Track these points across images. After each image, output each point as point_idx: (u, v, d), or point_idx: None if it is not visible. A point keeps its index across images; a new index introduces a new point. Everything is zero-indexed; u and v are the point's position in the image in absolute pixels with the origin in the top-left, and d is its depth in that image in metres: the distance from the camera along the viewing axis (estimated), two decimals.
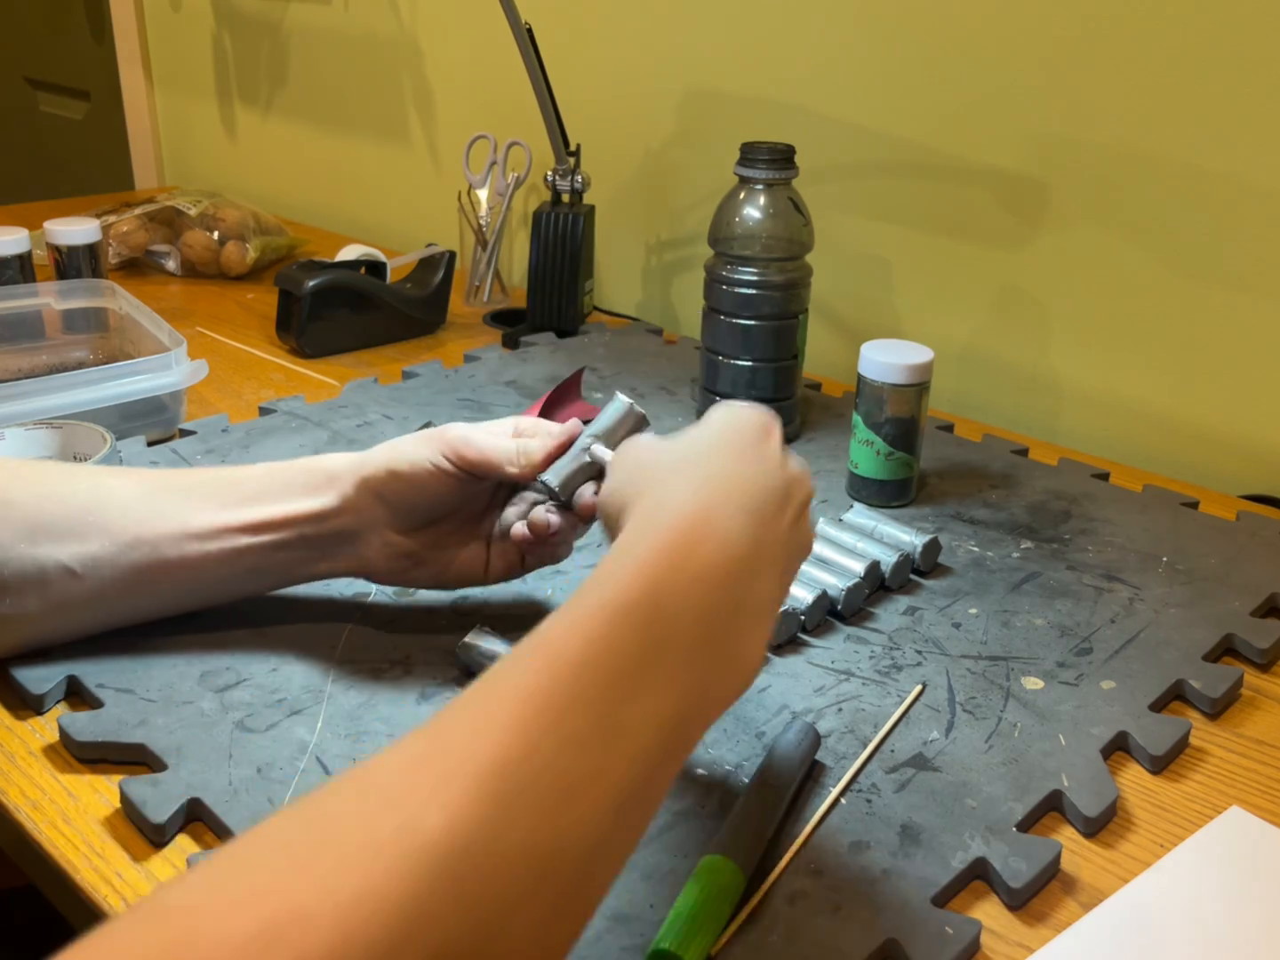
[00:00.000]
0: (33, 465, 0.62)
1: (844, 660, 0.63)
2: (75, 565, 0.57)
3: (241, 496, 0.60)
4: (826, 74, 1.06)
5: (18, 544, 0.57)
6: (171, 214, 1.36)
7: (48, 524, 0.57)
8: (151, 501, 0.60)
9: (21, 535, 0.57)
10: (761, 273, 0.84)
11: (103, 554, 0.58)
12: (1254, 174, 0.84)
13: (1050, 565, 0.73)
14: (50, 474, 0.61)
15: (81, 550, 0.58)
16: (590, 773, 0.34)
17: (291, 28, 1.61)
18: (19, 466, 0.61)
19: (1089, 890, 0.49)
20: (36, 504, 0.58)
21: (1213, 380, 0.90)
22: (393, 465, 0.59)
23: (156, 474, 0.62)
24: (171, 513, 0.59)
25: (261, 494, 0.60)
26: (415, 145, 1.49)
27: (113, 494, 0.60)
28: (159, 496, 0.60)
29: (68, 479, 0.60)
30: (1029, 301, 0.99)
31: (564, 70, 1.21)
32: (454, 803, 0.31)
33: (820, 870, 0.48)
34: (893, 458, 0.79)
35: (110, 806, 0.52)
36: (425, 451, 0.59)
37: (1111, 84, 0.89)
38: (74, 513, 0.58)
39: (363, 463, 0.60)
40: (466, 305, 1.28)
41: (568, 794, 0.33)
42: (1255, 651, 0.66)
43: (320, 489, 0.60)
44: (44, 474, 0.61)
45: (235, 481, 0.61)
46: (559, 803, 0.33)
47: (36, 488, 0.59)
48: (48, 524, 0.57)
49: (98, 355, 1.04)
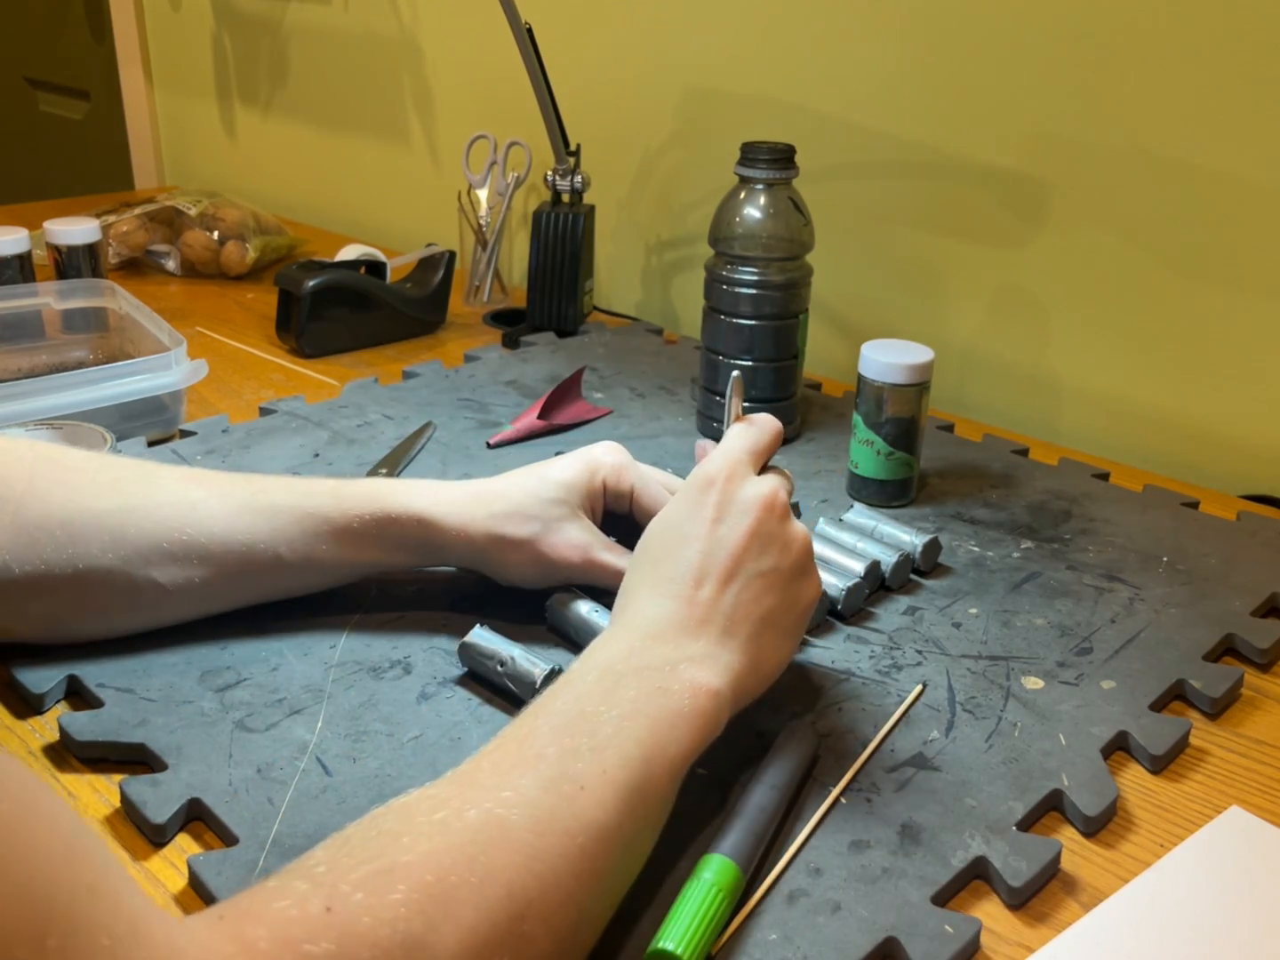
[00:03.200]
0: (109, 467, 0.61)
1: (844, 660, 0.63)
2: (166, 583, 0.58)
3: (334, 532, 0.61)
4: (826, 74, 1.06)
5: (106, 557, 0.57)
6: (171, 214, 1.36)
7: (136, 541, 0.58)
8: (238, 524, 0.59)
9: (110, 550, 0.57)
10: (762, 273, 0.84)
11: (193, 574, 0.59)
12: (1254, 174, 0.84)
13: (1050, 565, 0.73)
14: (127, 479, 0.60)
15: (172, 570, 0.58)
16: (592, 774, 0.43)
17: (291, 28, 1.61)
18: (95, 471, 0.60)
19: (1089, 890, 0.49)
20: (121, 517, 0.58)
21: (1213, 380, 0.90)
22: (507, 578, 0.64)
23: (237, 489, 0.61)
24: (260, 542, 0.60)
25: (358, 537, 0.61)
26: (415, 145, 1.49)
27: (196, 511, 0.59)
28: (244, 518, 0.60)
29: (148, 489, 0.60)
30: (1029, 301, 0.99)
31: (564, 70, 1.21)
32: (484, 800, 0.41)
33: (820, 870, 0.48)
34: (893, 458, 0.79)
35: (110, 806, 0.52)
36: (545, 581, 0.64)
37: (1111, 84, 0.89)
38: (160, 530, 0.58)
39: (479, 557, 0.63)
40: (466, 305, 1.28)
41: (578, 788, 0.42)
42: (1255, 651, 0.66)
43: (426, 554, 0.63)
44: (121, 480, 0.60)
45: (325, 518, 0.61)
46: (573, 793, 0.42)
47: (118, 498, 0.58)
48: (136, 541, 0.58)
49: (98, 355, 1.04)
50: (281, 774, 0.53)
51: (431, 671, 0.61)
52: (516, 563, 0.63)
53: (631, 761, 0.44)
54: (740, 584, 0.52)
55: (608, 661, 0.49)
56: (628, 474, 0.66)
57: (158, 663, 0.60)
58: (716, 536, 0.53)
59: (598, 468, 0.65)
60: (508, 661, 0.58)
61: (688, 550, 0.53)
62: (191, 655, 0.61)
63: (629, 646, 0.49)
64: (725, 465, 0.55)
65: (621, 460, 0.66)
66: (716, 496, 0.54)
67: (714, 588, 0.52)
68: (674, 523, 0.54)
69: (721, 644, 0.51)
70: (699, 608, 0.51)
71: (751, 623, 0.52)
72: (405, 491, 0.62)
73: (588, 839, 0.41)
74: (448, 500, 0.62)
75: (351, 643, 0.63)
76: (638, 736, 0.45)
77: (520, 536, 0.62)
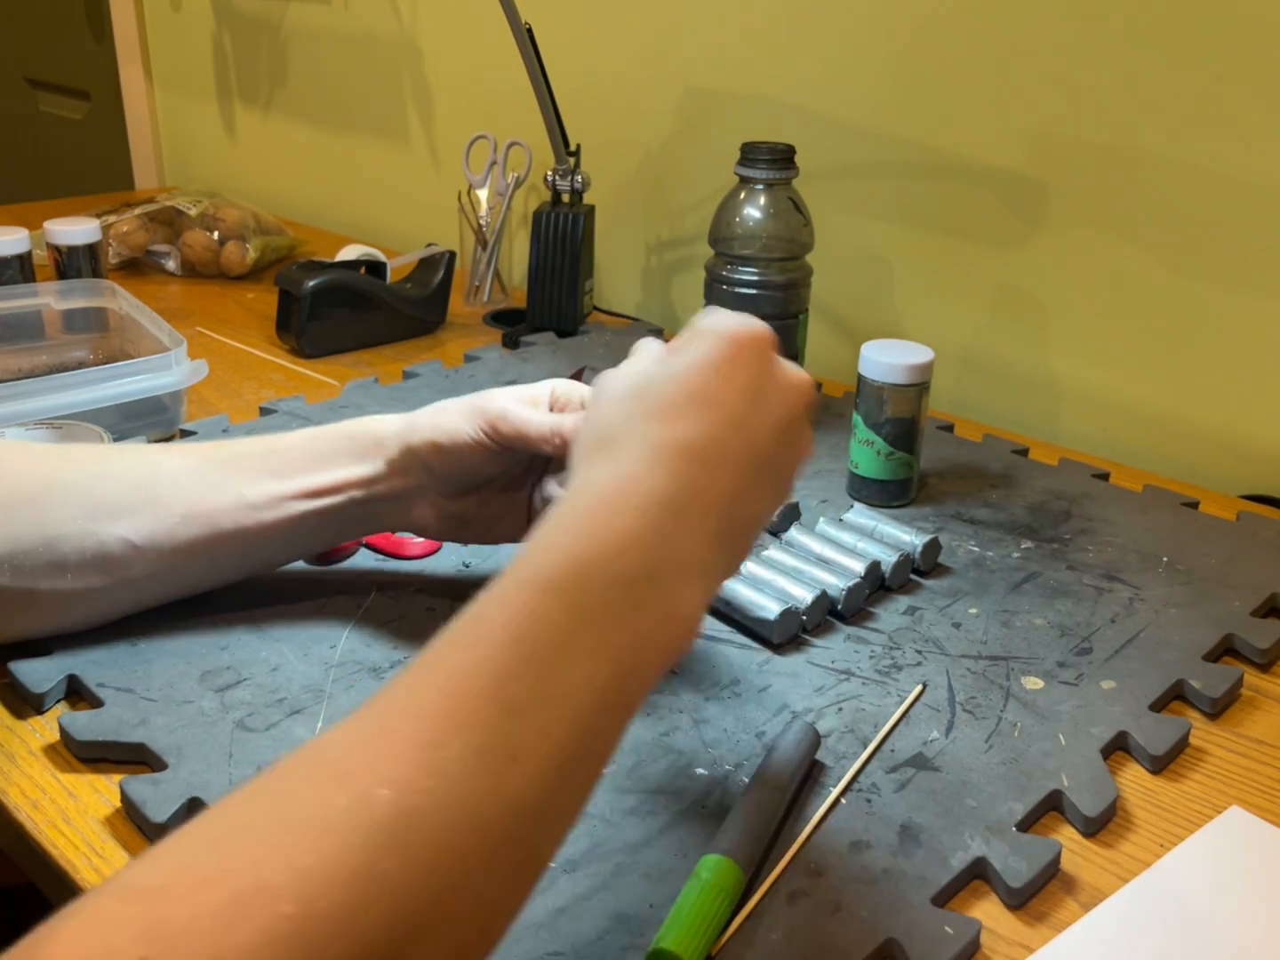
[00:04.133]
0: (82, 446, 0.64)
1: (844, 660, 0.63)
2: (134, 538, 0.59)
3: (290, 465, 0.62)
4: (826, 74, 1.06)
5: (74, 520, 0.58)
6: (171, 214, 1.36)
7: (101, 500, 0.59)
8: (201, 473, 0.61)
9: (77, 513, 0.58)
10: (762, 273, 0.85)
11: (159, 526, 0.59)
12: (1253, 174, 0.84)
13: (1050, 565, 0.73)
14: (99, 453, 0.63)
15: (138, 524, 0.59)
16: (530, 737, 0.34)
17: (291, 28, 1.61)
18: (70, 449, 0.63)
19: (1089, 890, 0.49)
20: (88, 482, 0.59)
21: (1213, 380, 0.90)
22: (435, 438, 0.61)
23: (201, 447, 0.64)
24: (223, 484, 0.61)
25: (311, 461, 0.62)
26: (415, 145, 1.49)
27: (161, 468, 0.61)
28: (208, 469, 0.61)
29: (116, 457, 0.62)
30: (1029, 301, 0.99)
31: (564, 70, 1.21)
32: (400, 777, 0.32)
33: (820, 870, 0.49)
34: (893, 458, 0.79)
35: (110, 806, 0.52)
36: (465, 426, 0.60)
37: (1111, 84, 0.89)
38: (126, 488, 0.60)
39: (408, 430, 0.62)
40: (466, 305, 1.28)
41: (510, 759, 0.34)
42: (1255, 651, 0.66)
43: (368, 454, 0.62)
44: (93, 454, 0.63)
45: (281, 450, 0.63)
46: (503, 768, 0.34)
47: (87, 466, 0.61)
48: (101, 500, 0.59)
49: (98, 355, 1.04)
50: None
51: None
52: (448, 420, 0.60)
53: (582, 714, 0.36)
54: (755, 476, 0.43)
55: (580, 560, 0.38)
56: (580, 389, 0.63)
57: (158, 662, 0.60)
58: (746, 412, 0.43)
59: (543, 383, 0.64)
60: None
61: (710, 415, 0.42)
62: (191, 655, 0.61)
63: (614, 539, 0.39)
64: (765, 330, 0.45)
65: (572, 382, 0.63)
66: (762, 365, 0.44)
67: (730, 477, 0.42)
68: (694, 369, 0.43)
69: (714, 550, 0.41)
70: (707, 498, 0.41)
71: (745, 525, 0.43)
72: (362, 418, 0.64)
73: (510, 829, 0.33)
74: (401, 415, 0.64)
75: (351, 643, 0.63)
76: (596, 681, 0.36)
77: (448, 401, 0.62)
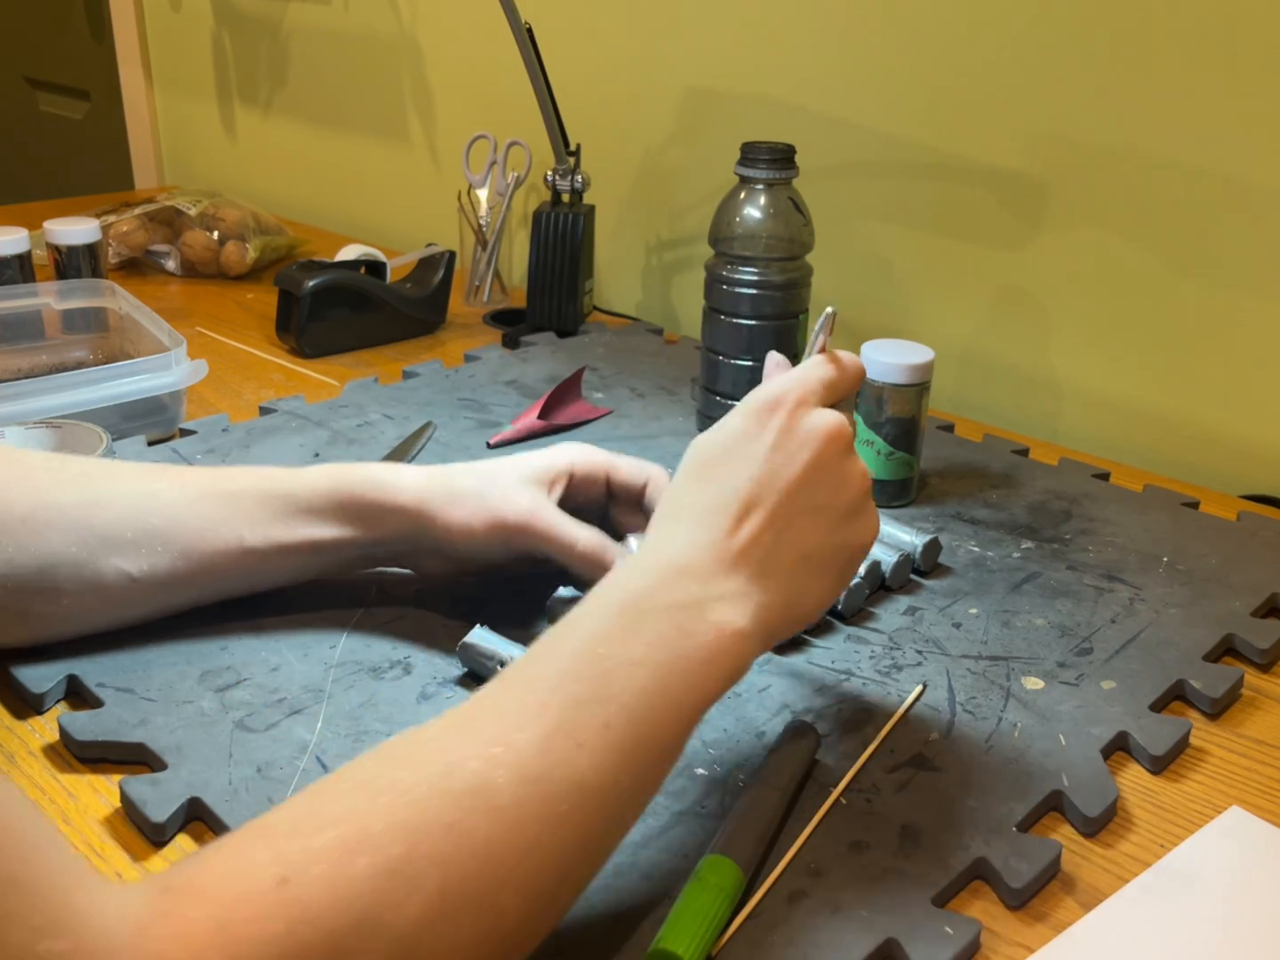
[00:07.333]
0: (73, 464, 0.62)
1: (844, 660, 0.63)
2: (132, 571, 0.58)
3: (293, 512, 0.61)
4: (826, 74, 1.06)
5: (69, 549, 0.57)
6: (171, 214, 1.36)
7: (98, 530, 0.58)
8: (201, 510, 0.60)
9: (72, 541, 0.57)
10: (762, 273, 0.84)
11: (159, 562, 0.59)
12: (1253, 174, 0.84)
13: (1050, 565, 0.73)
14: (92, 475, 0.61)
15: (137, 559, 0.58)
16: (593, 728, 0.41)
17: (291, 28, 1.61)
18: (60, 467, 0.61)
19: (1089, 890, 0.49)
20: (84, 509, 0.58)
21: (1213, 380, 0.90)
22: (447, 536, 0.62)
23: (201, 476, 0.62)
24: (222, 525, 0.60)
25: (316, 514, 0.61)
26: (415, 145, 1.49)
27: (158, 499, 0.60)
28: (208, 505, 0.60)
29: (110, 481, 0.61)
30: (1029, 301, 0.99)
31: (564, 70, 1.21)
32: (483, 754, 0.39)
33: (820, 870, 0.48)
34: (893, 458, 0.79)
35: (110, 806, 0.52)
36: (491, 540, 0.61)
37: (1111, 84, 0.89)
38: (122, 519, 0.59)
39: (421, 506, 0.61)
40: (466, 305, 1.28)
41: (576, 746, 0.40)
42: (1255, 651, 0.66)
43: (377, 521, 0.62)
44: (85, 474, 0.61)
45: (283, 494, 0.61)
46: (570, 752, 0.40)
47: (81, 491, 0.59)
48: (98, 530, 0.58)
49: (98, 355, 1.04)
50: (281, 774, 0.53)
51: (432, 672, 0.61)
52: (462, 519, 0.61)
53: (638, 714, 0.42)
54: (788, 520, 0.48)
55: (630, 597, 0.45)
56: (598, 456, 0.66)
57: (158, 663, 0.60)
58: (773, 465, 0.49)
59: (561, 452, 0.65)
60: (508, 661, 0.58)
61: (737, 476, 0.49)
62: (191, 655, 0.61)
63: (656, 580, 0.46)
64: (797, 389, 0.50)
65: (590, 450, 0.66)
66: (781, 421, 0.49)
67: (760, 522, 0.48)
68: (726, 442, 0.50)
69: (756, 581, 0.47)
70: (739, 542, 0.47)
71: (793, 560, 0.49)
72: (363, 467, 0.64)
73: (577, 803, 0.40)
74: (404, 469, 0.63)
75: (351, 643, 0.63)
76: (649, 686, 0.42)
77: (466, 485, 0.62)
